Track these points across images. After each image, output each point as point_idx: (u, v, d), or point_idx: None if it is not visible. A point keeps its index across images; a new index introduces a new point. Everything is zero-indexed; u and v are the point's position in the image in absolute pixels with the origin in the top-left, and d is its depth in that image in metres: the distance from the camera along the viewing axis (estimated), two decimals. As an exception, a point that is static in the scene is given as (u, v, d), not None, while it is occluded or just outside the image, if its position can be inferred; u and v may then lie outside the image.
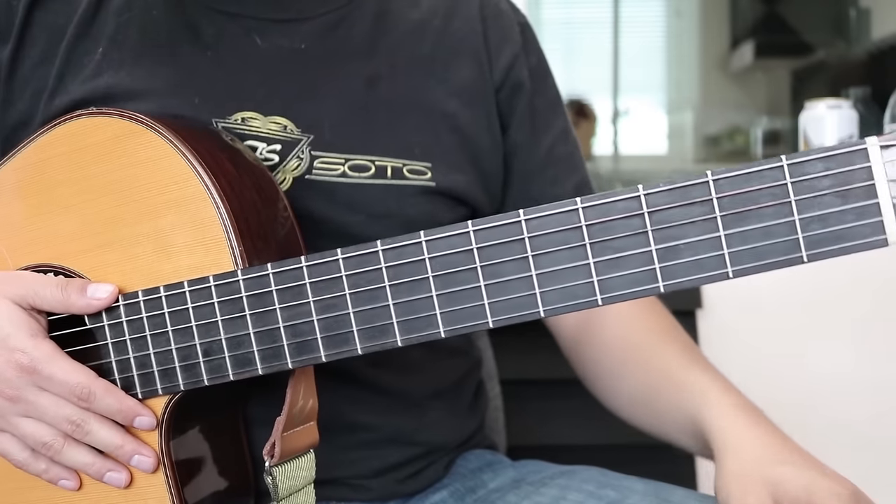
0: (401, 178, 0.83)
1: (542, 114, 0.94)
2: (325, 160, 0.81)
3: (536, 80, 0.94)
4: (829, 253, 0.54)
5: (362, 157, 0.82)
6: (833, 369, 1.38)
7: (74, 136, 0.74)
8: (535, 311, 0.60)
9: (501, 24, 0.93)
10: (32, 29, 0.82)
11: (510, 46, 0.92)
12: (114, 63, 0.81)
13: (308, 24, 0.84)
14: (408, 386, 0.88)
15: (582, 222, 0.59)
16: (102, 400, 0.70)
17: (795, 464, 0.70)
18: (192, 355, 0.69)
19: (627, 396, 0.89)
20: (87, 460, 0.72)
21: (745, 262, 0.56)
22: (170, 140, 0.71)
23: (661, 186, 0.57)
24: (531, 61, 0.94)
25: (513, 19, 0.95)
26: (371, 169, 0.82)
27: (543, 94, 0.95)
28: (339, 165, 0.81)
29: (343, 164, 0.81)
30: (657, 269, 0.57)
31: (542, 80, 0.95)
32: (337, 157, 0.81)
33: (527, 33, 0.96)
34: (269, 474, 0.69)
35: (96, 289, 0.71)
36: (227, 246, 0.69)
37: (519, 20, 0.96)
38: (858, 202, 0.53)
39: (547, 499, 0.82)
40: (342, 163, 0.81)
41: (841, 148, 0.53)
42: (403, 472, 0.88)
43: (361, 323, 0.65)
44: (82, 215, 0.74)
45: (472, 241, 0.61)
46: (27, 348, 0.69)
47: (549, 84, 0.96)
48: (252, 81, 0.81)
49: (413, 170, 0.84)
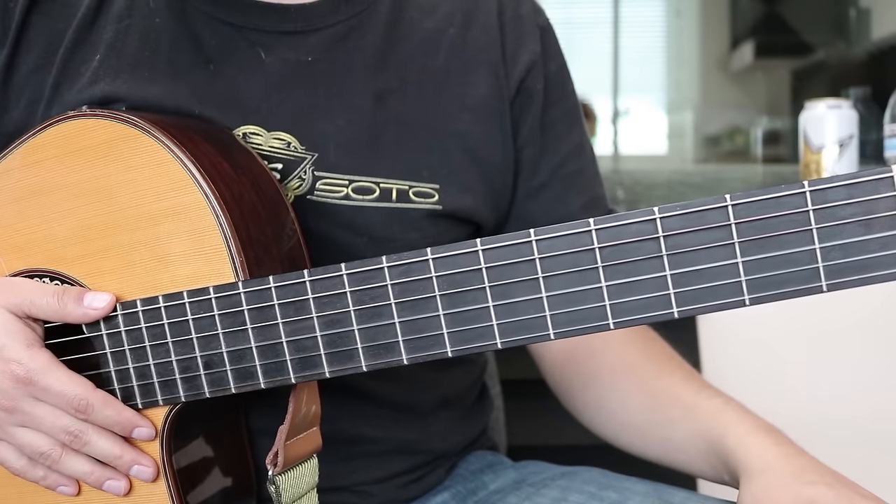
0: (406, 201, 0.80)
1: (556, 126, 0.90)
2: (328, 181, 0.79)
3: (553, 89, 0.90)
4: (851, 283, 0.53)
5: (367, 179, 0.79)
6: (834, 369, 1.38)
7: (67, 139, 0.73)
8: (545, 333, 0.59)
9: (520, 30, 0.89)
10: (29, 33, 0.80)
11: (527, 54, 0.88)
12: (111, 71, 0.78)
13: (316, 36, 0.81)
14: (413, 399, 0.87)
15: (595, 244, 0.58)
16: (100, 412, 0.69)
17: (829, 483, 0.68)
18: (193, 367, 0.68)
19: (626, 423, 0.87)
20: (86, 469, 0.71)
21: (763, 291, 0.54)
22: (166, 145, 0.69)
23: (677, 210, 0.56)
24: (549, 68, 0.90)
25: (533, 23, 0.90)
26: (375, 192, 0.79)
27: (560, 104, 0.91)
28: (343, 188, 0.79)
29: (347, 187, 0.79)
30: (671, 294, 0.56)
31: (560, 88, 0.91)
32: (341, 179, 0.79)
33: (547, 37, 0.91)
34: (273, 483, 0.68)
35: (93, 298, 0.70)
36: (226, 256, 0.68)
37: (540, 23, 0.91)
38: (882, 232, 0.52)
39: (548, 500, 0.82)
40: (346, 184, 0.79)
41: (865, 175, 0.52)
42: (406, 478, 0.88)
43: (366, 340, 0.63)
44: (77, 220, 0.72)
45: (481, 260, 0.60)
46: (23, 359, 0.68)
47: (567, 92, 0.93)
48: (256, 95, 0.79)
49: (420, 192, 0.81)
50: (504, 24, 0.88)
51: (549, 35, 0.92)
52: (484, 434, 0.99)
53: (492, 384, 1.17)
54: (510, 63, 0.87)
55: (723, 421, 0.77)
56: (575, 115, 0.93)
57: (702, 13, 4.53)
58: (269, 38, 0.80)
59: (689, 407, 0.81)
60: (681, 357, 0.88)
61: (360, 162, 0.79)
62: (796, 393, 1.37)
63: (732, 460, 0.74)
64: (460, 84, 0.85)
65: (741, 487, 0.72)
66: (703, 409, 0.79)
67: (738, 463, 0.73)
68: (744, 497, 0.71)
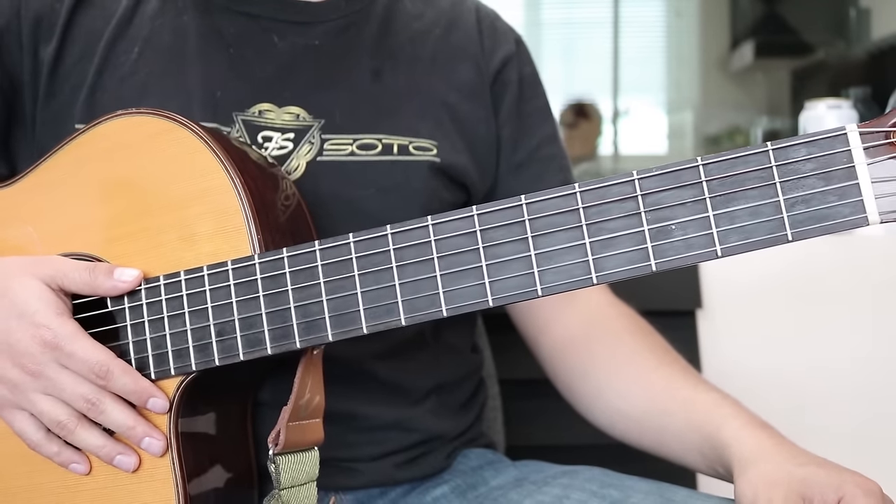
0: (407, 154, 0.89)
1: (531, 117, 0.99)
2: (334, 142, 0.87)
3: (527, 88, 1.00)
4: (813, 231, 0.57)
5: (370, 136, 0.88)
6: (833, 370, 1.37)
7: (112, 135, 0.79)
8: (532, 289, 0.63)
9: (496, 35, 1.00)
10: (73, 30, 0.88)
11: (504, 50, 0.99)
12: (149, 62, 0.87)
13: (322, 27, 0.92)
14: (410, 381, 0.91)
15: (579, 205, 0.62)
16: (119, 379, 0.73)
17: (819, 464, 0.72)
18: (206, 336, 0.72)
19: (623, 412, 0.90)
20: (99, 442, 0.74)
21: (733, 241, 0.59)
22: (200, 136, 0.75)
23: (653, 171, 0.60)
24: (524, 70, 1.00)
25: (509, 34, 1.01)
26: (378, 147, 0.88)
27: (533, 101, 1.00)
28: (348, 145, 0.87)
29: (351, 144, 0.87)
30: (649, 248, 0.60)
31: (533, 89, 1.01)
32: (345, 138, 0.87)
33: (521, 46, 1.02)
34: (273, 462, 0.71)
35: (122, 272, 0.75)
36: (246, 234, 0.73)
37: (514, 36, 1.02)
38: (840, 183, 0.56)
39: (549, 497, 0.83)
40: (350, 143, 0.87)
41: (822, 134, 0.56)
42: (402, 456, 0.90)
43: (368, 303, 0.67)
44: (114, 208, 0.78)
45: (476, 223, 0.65)
46: (53, 325, 0.72)
47: (539, 93, 1.02)
48: (269, 75, 0.88)
49: (419, 146, 0.90)
50: (482, 30, 0.99)
51: (522, 45, 1.02)
52: (478, 425, 1.01)
53: (490, 384, 1.18)
54: (488, 56, 0.98)
55: (719, 414, 0.80)
56: (547, 113, 1.02)
57: (702, 13, 4.55)
58: (281, 25, 0.90)
59: (687, 399, 0.84)
60: (675, 351, 0.91)
61: (362, 123, 0.88)
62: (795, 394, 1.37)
63: (727, 453, 0.77)
64: (447, 70, 0.95)
65: (736, 479, 0.75)
66: (700, 402, 0.82)
67: (732, 455, 0.76)
68: (740, 486, 0.73)
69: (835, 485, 0.68)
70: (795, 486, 0.69)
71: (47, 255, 0.78)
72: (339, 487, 0.87)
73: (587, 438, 0.95)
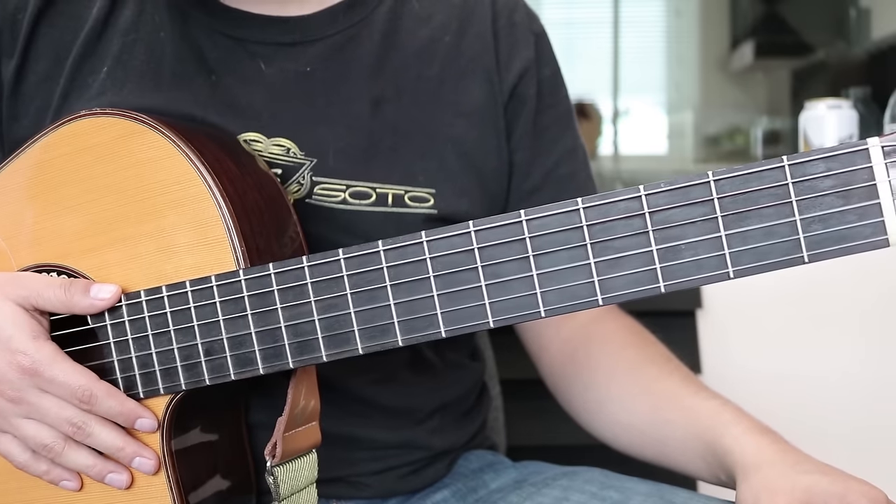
0: (402, 205, 0.82)
1: (548, 131, 0.92)
2: (325, 186, 0.81)
3: (546, 94, 0.92)
4: (831, 253, 0.54)
5: (363, 184, 0.81)
6: (833, 370, 1.38)
7: (78, 137, 0.75)
8: (535, 310, 0.60)
9: (514, 37, 0.91)
10: (38, 43, 0.82)
11: (521, 60, 0.90)
12: (118, 82, 0.81)
13: (314, 47, 0.84)
14: (412, 404, 0.89)
15: (583, 222, 0.59)
16: (104, 402, 0.70)
17: (824, 471, 0.70)
18: (194, 355, 0.70)
19: (626, 424, 0.88)
20: (88, 462, 0.72)
21: (746, 263, 0.56)
22: (172, 140, 0.71)
23: (662, 187, 0.57)
24: (543, 73, 0.92)
25: (527, 30, 0.92)
26: (372, 196, 0.81)
27: (552, 109, 0.93)
28: (340, 192, 0.81)
29: (344, 191, 0.81)
30: (658, 269, 0.57)
31: (553, 94, 0.93)
32: (338, 184, 0.81)
33: (541, 44, 0.93)
34: (271, 474, 0.69)
35: (99, 289, 0.71)
36: (229, 246, 0.69)
37: (534, 30, 0.93)
38: (860, 203, 0.53)
39: (549, 499, 0.82)
40: (343, 189, 0.81)
41: (842, 148, 0.53)
42: (405, 470, 0.89)
43: (362, 323, 0.65)
44: (85, 215, 0.74)
45: (474, 241, 0.62)
46: (29, 350, 0.70)
47: (560, 97, 0.94)
48: (256, 104, 0.81)
49: (415, 197, 0.83)
50: (498, 31, 0.90)
51: (543, 41, 0.93)
52: (483, 432, 1.00)
53: (492, 384, 1.17)
54: (504, 69, 0.89)
55: (720, 421, 0.78)
56: (567, 120, 0.95)
57: (702, 13, 4.54)
58: (268, 49, 0.83)
59: (688, 408, 0.82)
60: (677, 359, 0.89)
61: (356, 167, 0.81)
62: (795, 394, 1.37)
63: (729, 459, 0.75)
64: (455, 91, 0.87)
65: (738, 485, 0.73)
66: (701, 411, 0.80)
67: (734, 462, 0.74)
68: (742, 493, 0.72)
69: (839, 493, 0.66)
70: (799, 493, 0.67)
71: (19, 273, 0.75)
72: (343, 496, 0.85)
73: (588, 439, 0.94)
